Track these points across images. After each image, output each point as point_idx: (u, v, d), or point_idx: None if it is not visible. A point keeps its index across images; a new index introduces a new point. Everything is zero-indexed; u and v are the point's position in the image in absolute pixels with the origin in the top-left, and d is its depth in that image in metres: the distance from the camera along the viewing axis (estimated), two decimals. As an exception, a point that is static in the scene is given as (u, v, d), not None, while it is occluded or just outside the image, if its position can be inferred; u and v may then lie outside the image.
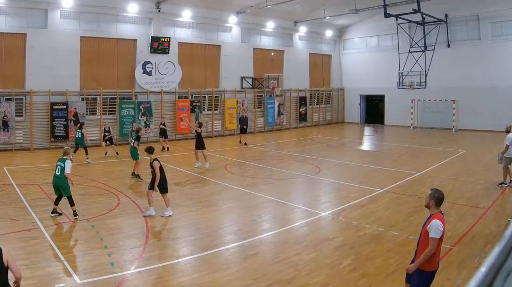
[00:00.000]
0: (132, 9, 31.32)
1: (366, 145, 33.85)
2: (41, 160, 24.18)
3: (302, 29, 44.04)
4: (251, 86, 39.38)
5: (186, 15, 34.37)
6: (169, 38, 33.37)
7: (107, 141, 25.83)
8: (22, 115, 27.59)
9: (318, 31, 46.05)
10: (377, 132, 41.10)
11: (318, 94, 46.65)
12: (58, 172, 13.33)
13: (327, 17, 40.42)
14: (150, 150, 14.50)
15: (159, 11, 32.56)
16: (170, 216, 13.79)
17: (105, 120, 28.61)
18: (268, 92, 40.42)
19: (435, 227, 6.88)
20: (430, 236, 6.90)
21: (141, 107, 31.80)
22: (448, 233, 10.52)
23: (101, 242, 11.34)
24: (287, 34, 43.35)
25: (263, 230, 12.86)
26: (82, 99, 29.61)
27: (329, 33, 47.27)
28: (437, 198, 7.12)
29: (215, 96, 36.73)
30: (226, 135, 37.12)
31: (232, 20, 37.64)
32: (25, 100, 27.72)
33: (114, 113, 31.09)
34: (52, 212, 13.53)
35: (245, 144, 31.11)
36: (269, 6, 34.16)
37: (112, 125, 30.40)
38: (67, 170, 13.27)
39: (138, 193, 17.11)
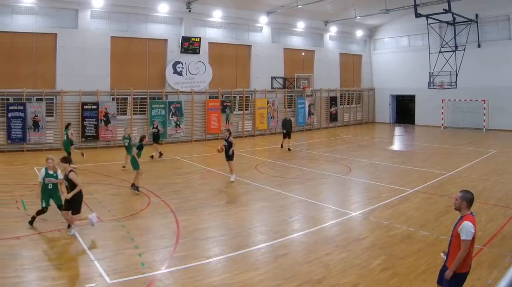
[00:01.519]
0: (163, 9, 30.92)
1: (396, 145, 33.34)
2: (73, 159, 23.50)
3: (333, 29, 43.12)
4: (281, 86, 38.68)
5: (217, 15, 33.84)
6: (200, 38, 32.85)
7: None
8: (52, 115, 27.26)
9: (349, 31, 45.11)
10: (408, 132, 40.39)
11: (348, 94, 45.58)
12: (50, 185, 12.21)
13: (358, 17, 39.73)
14: (66, 160, 12.05)
15: (189, 11, 32.12)
16: (74, 234, 11.64)
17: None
18: (299, 92, 39.60)
19: (466, 228, 6.74)
20: (462, 238, 6.76)
21: (171, 107, 31.21)
22: (478, 233, 9.94)
23: (131, 242, 11.16)
24: (318, 34, 42.49)
25: (294, 230, 12.64)
26: (113, 99, 29.17)
27: (359, 33, 46.31)
28: (468, 199, 6.99)
29: (246, 96, 36.19)
30: (256, 135, 36.58)
31: (263, 20, 36.98)
32: (56, 100, 27.41)
33: (145, 113, 30.55)
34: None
35: (289, 149, 27.95)
36: (299, 6, 33.45)
37: (143, 125, 30.18)
38: (40, 179, 12.15)
39: (169, 193, 16.69)
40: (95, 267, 9.49)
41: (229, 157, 18.94)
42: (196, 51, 32.77)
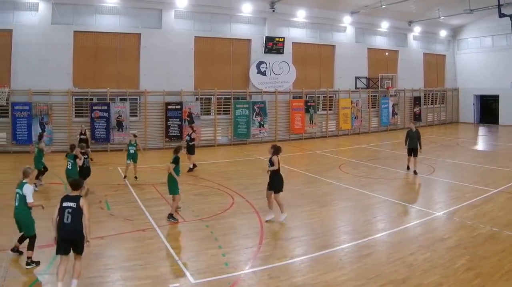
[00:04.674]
0: (246, 9, 28.75)
1: (480, 145, 30.85)
2: (155, 160, 22.29)
3: (417, 29, 39.35)
4: (365, 86, 35.50)
5: (300, 15, 31.19)
6: (284, 38, 30.29)
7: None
8: (136, 115, 25.77)
9: (433, 31, 41.04)
10: (492, 133, 37.26)
11: (432, 94, 41.58)
12: (17, 202, 8.95)
13: (442, 17, 36.27)
14: (77, 185, 8.04)
15: (273, 11, 29.72)
16: None
17: (81, 123, 22.81)
18: (383, 92, 36.24)
19: None
20: None
21: (255, 107, 28.79)
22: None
23: (215, 242, 10.64)
24: (401, 34, 38.79)
25: (377, 230, 11.95)
26: (197, 99, 27.18)
27: (443, 33, 42.08)
28: None
29: (329, 96, 33.11)
30: (340, 135, 33.65)
31: (347, 20, 33.90)
32: (140, 100, 25.86)
33: (229, 113, 28.31)
34: (12, 250, 9.18)
35: (415, 172, 18.67)
36: (383, 6, 30.51)
37: (227, 125, 28.17)
38: (29, 199, 8.84)
39: (253, 193, 15.51)
40: (179, 267, 9.08)
41: (276, 188, 12.15)
42: (280, 51, 30.24)
